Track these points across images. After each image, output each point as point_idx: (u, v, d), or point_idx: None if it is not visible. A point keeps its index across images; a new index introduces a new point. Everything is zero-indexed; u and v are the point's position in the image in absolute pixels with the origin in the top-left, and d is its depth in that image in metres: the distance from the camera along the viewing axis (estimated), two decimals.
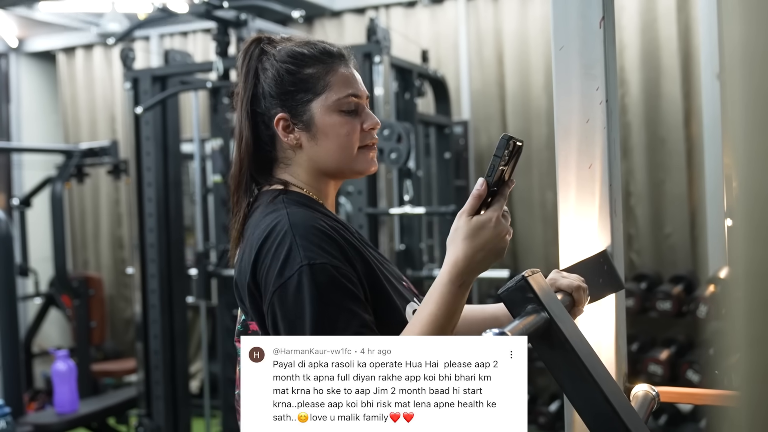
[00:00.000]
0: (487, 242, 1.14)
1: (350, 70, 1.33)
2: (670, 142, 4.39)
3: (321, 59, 1.31)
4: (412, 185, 3.55)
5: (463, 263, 1.14)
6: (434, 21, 5.04)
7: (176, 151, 4.08)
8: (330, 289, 1.15)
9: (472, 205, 1.14)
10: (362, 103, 1.33)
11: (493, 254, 1.15)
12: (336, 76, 1.31)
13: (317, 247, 1.18)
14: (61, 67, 6.13)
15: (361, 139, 1.32)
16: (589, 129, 1.30)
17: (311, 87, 1.30)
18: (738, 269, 0.44)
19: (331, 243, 1.19)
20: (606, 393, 1.05)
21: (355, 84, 1.32)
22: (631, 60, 4.46)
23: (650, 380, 3.81)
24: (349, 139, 1.30)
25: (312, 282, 1.15)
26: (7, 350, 3.61)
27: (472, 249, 1.13)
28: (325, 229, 1.20)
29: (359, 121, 1.31)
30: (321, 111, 1.30)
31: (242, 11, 3.72)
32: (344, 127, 1.30)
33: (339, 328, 1.14)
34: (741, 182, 0.44)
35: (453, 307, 1.15)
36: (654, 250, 4.46)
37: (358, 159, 1.32)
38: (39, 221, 5.47)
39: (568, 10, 1.31)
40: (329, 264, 1.16)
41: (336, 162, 1.31)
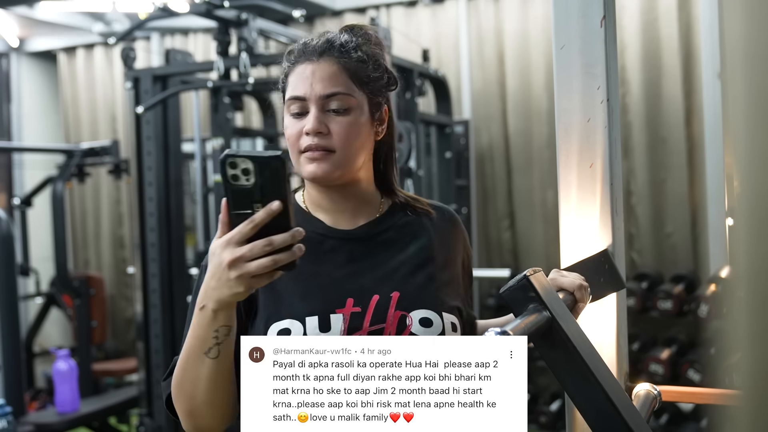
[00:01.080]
0: (214, 269, 1.05)
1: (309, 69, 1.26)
2: (671, 141, 4.38)
3: (295, 57, 1.29)
4: (413, 185, 3.55)
5: (203, 287, 1.09)
6: (435, 20, 5.04)
7: (177, 151, 4.08)
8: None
9: (219, 228, 1.05)
10: (309, 105, 1.25)
11: (222, 284, 1.04)
12: (292, 76, 1.28)
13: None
14: (62, 66, 6.14)
15: (301, 144, 1.25)
16: (590, 128, 1.30)
17: (283, 87, 1.31)
18: (740, 268, 0.44)
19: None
20: (608, 392, 1.04)
21: (303, 85, 1.25)
22: (632, 59, 4.46)
23: (651, 379, 3.81)
24: (290, 143, 1.27)
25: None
26: (8, 350, 3.62)
27: (208, 273, 1.06)
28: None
29: (303, 123, 1.25)
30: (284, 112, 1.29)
31: (243, 11, 3.72)
32: (288, 130, 1.27)
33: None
34: (742, 181, 0.43)
35: (198, 330, 1.11)
36: (655, 250, 4.46)
37: (300, 164, 1.26)
38: (40, 221, 5.47)
39: (569, 9, 1.31)
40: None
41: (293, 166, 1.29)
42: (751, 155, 0.43)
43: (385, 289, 1.26)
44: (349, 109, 1.26)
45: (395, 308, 1.24)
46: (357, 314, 1.23)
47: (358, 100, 1.27)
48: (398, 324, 1.23)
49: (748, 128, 0.43)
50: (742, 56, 0.43)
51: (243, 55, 3.58)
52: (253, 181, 1.00)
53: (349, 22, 4.88)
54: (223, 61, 3.69)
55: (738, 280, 0.44)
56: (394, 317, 1.24)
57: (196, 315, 1.11)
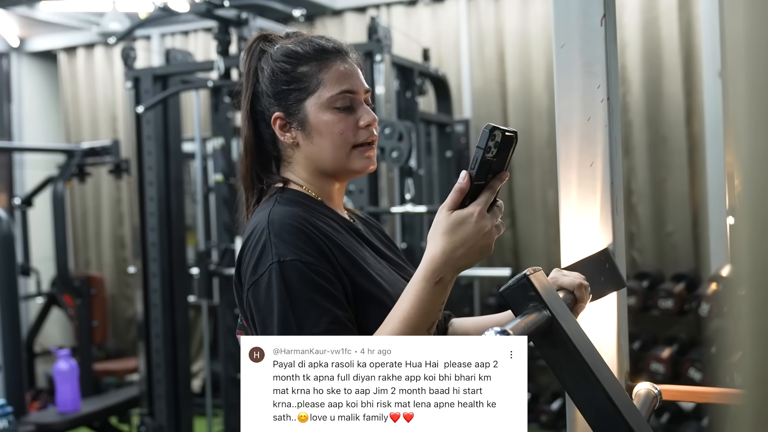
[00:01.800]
0: (467, 238, 1.08)
1: (346, 66, 1.30)
2: (671, 140, 4.38)
3: (315, 57, 1.29)
4: (414, 184, 3.55)
5: (440, 259, 1.09)
6: (435, 19, 5.04)
7: (177, 150, 4.08)
8: (300, 286, 1.14)
9: (453, 199, 1.09)
10: (358, 99, 1.29)
11: (476, 251, 1.10)
12: (329, 73, 1.28)
13: (289, 244, 1.17)
14: (63, 66, 6.13)
15: (357, 137, 1.28)
16: (590, 127, 1.30)
17: (305, 85, 1.29)
18: (741, 267, 0.44)
19: (305, 239, 1.18)
20: (608, 391, 1.04)
21: (351, 79, 1.29)
22: (632, 58, 4.46)
23: (652, 378, 3.80)
24: (343, 138, 1.27)
25: (281, 279, 1.14)
26: (9, 350, 3.62)
27: (450, 245, 1.09)
28: (301, 226, 1.19)
29: (355, 118, 1.28)
30: (314, 109, 1.28)
31: (243, 10, 3.72)
32: (337, 125, 1.27)
33: (307, 325, 1.13)
34: (744, 180, 0.43)
35: (428, 305, 1.11)
36: (656, 249, 4.46)
37: (353, 157, 1.29)
38: (41, 221, 5.47)
39: (569, 8, 1.30)
40: (299, 260, 1.15)
41: (332, 161, 1.29)
42: (753, 154, 0.43)
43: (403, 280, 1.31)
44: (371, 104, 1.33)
45: None
46: None
47: None
48: None
49: (750, 127, 0.43)
50: (744, 55, 0.43)
51: (243, 54, 3.58)
52: (494, 153, 1.07)
53: (349, 21, 4.86)
54: (223, 61, 3.69)
55: (739, 279, 0.44)
56: None
57: (428, 289, 1.10)
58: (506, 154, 1.10)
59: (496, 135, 1.07)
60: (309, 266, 1.15)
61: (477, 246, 1.09)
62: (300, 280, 1.15)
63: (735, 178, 0.46)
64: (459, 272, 1.11)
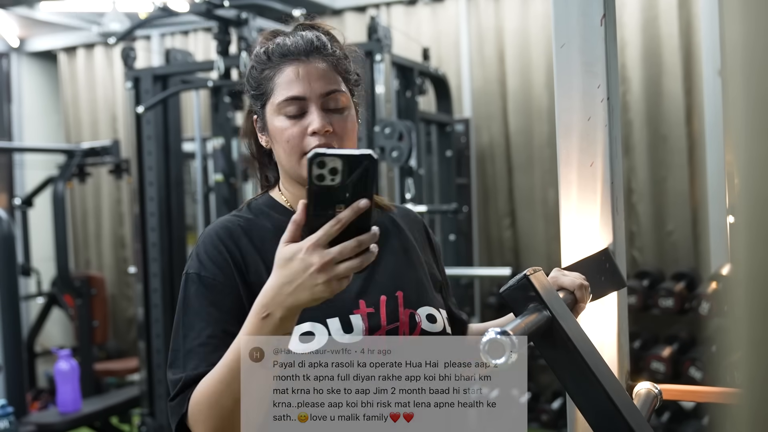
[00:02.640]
0: (293, 275, 0.98)
1: (301, 69, 1.23)
2: (671, 139, 4.38)
3: (276, 59, 1.25)
4: (414, 183, 3.55)
5: (269, 294, 1.01)
6: (435, 19, 5.04)
7: (178, 150, 4.08)
8: (193, 297, 1.18)
9: (289, 231, 0.99)
10: (309, 105, 1.22)
11: (304, 290, 0.98)
12: (281, 78, 1.23)
13: (198, 256, 1.21)
14: (63, 66, 6.13)
15: (305, 144, 1.21)
16: (590, 127, 1.30)
17: (264, 90, 1.25)
18: (740, 268, 0.44)
19: (214, 253, 1.21)
20: (608, 391, 1.04)
21: (300, 85, 1.22)
22: (632, 57, 4.46)
23: (653, 378, 3.80)
24: (290, 145, 1.22)
25: (183, 289, 1.20)
26: (10, 350, 3.62)
27: (279, 279, 1.00)
28: (218, 238, 1.22)
29: (305, 123, 1.21)
30: (270, 114, 1.25)
31: (243, 10, 3.72)
32: (285, 132, 1.22)
33: (190, 336, 1.16)
34: (742, 183, 0.43)
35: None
36: (656, 248, 4.46)
37: (303, 165, 1.21)
38: (41, 221, 5.47)
39: (569, 8, 1.30)
40: (197, 273, 1.19)
41: (288, 168, 1.25)
42: (751, 155, 0.43)
43: (389, 289, 1.26)
44: (345, 107, 1.25)
45: (404, 307, 1.25)
46: (372, 314, 1.22)
47: (348, 97, 1.27)
48: (410, 322, 1.24)
49: (748, 128, 0.43)
50: (741, 56, 0.43)
51: (243, 54, 3.58)
52: (339, 181, 0.95)
53: (349, 20, 4.84)
54: (223, 61, 3.69)
55: (738, 280, 0.44)
56: (405, 315, 1.25)
57: (255, 324, 1.03)
58: (366, 177, 0.96)
59: (325, 162, 0.95)
60: (204, 279, 1.19)
61: (304, 285, 0.98)
62: (195, 292, 1.19)
63: (735, 178, 0.46)
64: (291, 311, 1.01)
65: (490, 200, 4.90)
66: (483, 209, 4.91)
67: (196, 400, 1.10)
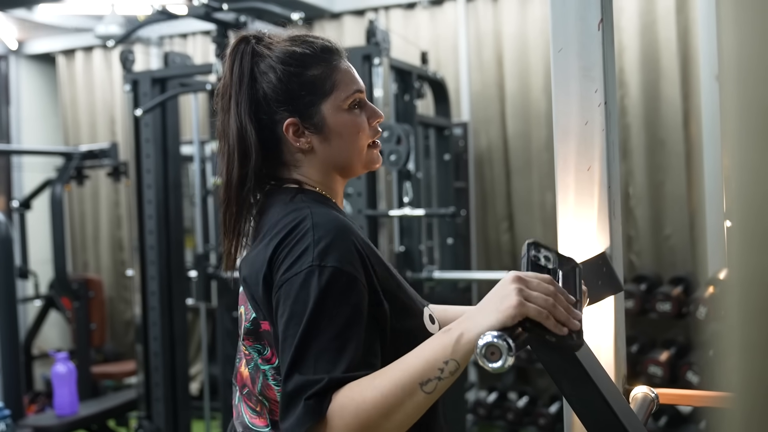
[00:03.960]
0: (492, 295, 1.03)
1: (349, 64, 1.32)
2: (669, 143, 4.39)
3: (323, 58, 1.29)
4: (412, 187, 3.55)
5: (470, 312, 1.04)
6: (434, 23, 5.04)
7: (176, 153, 4.08)
8: (333, 295, 1.09)
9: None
10: (365, 97, 1.33)
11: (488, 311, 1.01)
12: (340, 74, 1.29)
13: (331, 248, 1.12)
14: (61, 69, 6.14)
15: (371, 134, 1.32)
16: (587, 131, 1.30)
17: (319, 88, 1.27)
18: (733, 275, 0.44)
19: (347, 245, 1.14)
20: (605, 395, 1.04)
21: (357, 78, 1.32)
22: (630, 62, 4.46)
23: (650, 382, 3.81)
24: (362, 136, 1.30)
25: (317, 283, 1.09)
26: (7, 352, 3.61)
27: (483, 300, 1.04)
28: (347, 234, 1.16)
29: (365, 116, 1.31)
30: (332, 111, 1.27)
31: (242, 13, 3.73)
32: (355, 125, 1.29)
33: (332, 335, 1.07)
34: (736, 187, 0.44)
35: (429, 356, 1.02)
36: (654, 252, 4.46)
37: (368, 155, 1.32)
38: (39, 223, 5.47)
39: (567, 12, 1.31)
40: (338, 268, 1.11)
41: (348, 160, 1.30)
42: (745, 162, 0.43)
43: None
44: None
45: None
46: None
47: None
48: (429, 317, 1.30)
49: (741, 133, 0.43)
50: (736, 64, 0.43)
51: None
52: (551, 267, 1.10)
53: (348, 24, 4.85)
54: (221, 64, 3.69)
55: (731, 286, 0.44)
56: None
57: (437, 336, 1.03)
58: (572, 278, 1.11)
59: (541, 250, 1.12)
60: (348, 276, 1.11)
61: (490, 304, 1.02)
62: (335, 289, 1.10)
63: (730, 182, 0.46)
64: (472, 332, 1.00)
65: (488, 204, 4.90)
66: (481, 213, 4.91)
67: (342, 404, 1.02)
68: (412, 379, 1.01)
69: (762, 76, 0.43)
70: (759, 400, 0.42)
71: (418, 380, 1.01)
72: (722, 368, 0.46)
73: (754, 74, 0.44)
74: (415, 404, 1.01)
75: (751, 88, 0.44)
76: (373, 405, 1.01)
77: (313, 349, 1.06)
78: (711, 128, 3.91)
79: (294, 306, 1.10)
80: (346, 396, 1.02)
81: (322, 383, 1.03)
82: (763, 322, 0.43)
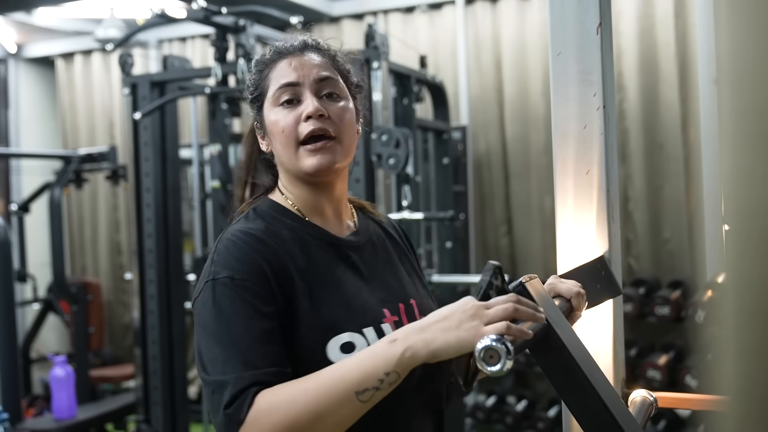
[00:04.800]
0: (444, 312, 1.00)
1: (294, 61, 1.22)
2: (668, 147, 4.39)
3: (271, 59, 1.25)
4: (411, 191, 3.55)
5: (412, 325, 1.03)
6: (432, 27, 5.05)
7: (175, 157, 4.08)
8: (228, 303, 1.08)
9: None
10: (303, 91, 1.20)
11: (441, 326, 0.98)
12: (276, 71, 1.23)
13: (226, 262, 1.12)
14: (60, 72, 6.14)
15: (299, 132, 1.19)
16: (586, 135, 1.30)
17: (261, 90, 1.25)
18: (731, 278, 0.44)
19: (242, 256, 1.12)
20: (603, 399, 1.04)
21: (293, 72, 1.21)
22: (629, 65, 4.47)
23: (649, 385, 3.80)
24: (286, 135, 1.19)
25: (212, 297, 1.10)
26: (5, 356, 3.61)
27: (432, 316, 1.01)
28: (243, 243, 1.14)
29: (300, 111, 1.20)
30: (267, 111, 1.23)
31: (241, 17, 3.73)
32: (280, 123, 1.20)
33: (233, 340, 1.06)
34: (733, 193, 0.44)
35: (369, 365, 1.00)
36: (652, 255, 4.46)
37: (300, 157, 1.20)
38: (37, 227, 5.46)
39: (566, 16, 1.31)
40: (229, 277, 1.10)
41: (288, 164, 1.22)
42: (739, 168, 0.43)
43: (403, 296, 1.27)
44: (341, 96, 1.24)
45: (419, 314, 1.25)
46: (397, 322, 1.21)
47: (345, 90, 1.26)
48: None
49: (738, 137, 0.43)
50: (730, 70, 0.43)
51: (240, 61, 3.59)
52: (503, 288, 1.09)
53: (347, 28, 4.85)
54: (220, 68, 3.69)
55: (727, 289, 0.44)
56: None
57: (381, 346, 1.01)
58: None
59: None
60: (239, 283, 1.10)
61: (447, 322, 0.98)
62: (229, 296, 1.09)
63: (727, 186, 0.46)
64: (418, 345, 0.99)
65: (486, 208, 4.90)
66: (480, 217, 4.91)
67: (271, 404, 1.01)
68: (348, 387, 1.00)
69: (759, 80, 0.43)
70: (755, 404, 0.42)
71: (355, 389, 0.99)
72: (719, 371, 0.46)
73: (750, 78, 0.44)
74: (349, 411, 1.00)
75: (747, 91, 0.44)
76: (304, 407, 0.99)
77: (219, 358, 1.05)
78: (709, 132, 3.91)
79: (199, 325, 1.11)
80: (277, 395, 1.01)
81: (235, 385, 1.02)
82: (759, 325, 0.43)
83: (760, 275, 0.43)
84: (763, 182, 0.42)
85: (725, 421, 0.44)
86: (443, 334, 0.98)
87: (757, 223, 0.42)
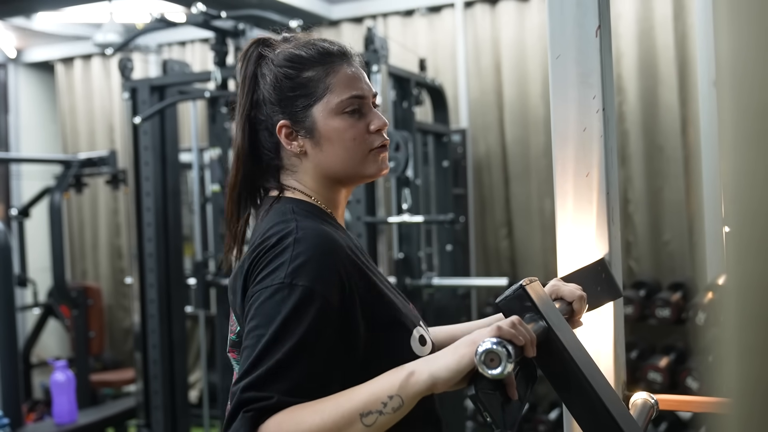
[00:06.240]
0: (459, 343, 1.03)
1: (353, 69, 1.26)
2: (667, 149, 4.39)
3: (320, 60, 1.25)
4: (411, 194, 3.55)
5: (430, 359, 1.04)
6: (432, 30, 5.05)
7: (175, 161, 4.08)
8: (298, 315, 1.06)
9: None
10: (367, 104, 1.26)
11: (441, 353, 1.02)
12: (337, 77, 1.24)
13: (309, 269, 1.10)
14: (60, 77, 6.14)
15: (369, 142, 1.25)
16: (586, 137, 1.30)
17: (311, 91, 1.24)
18: (731, 280, 0.44)
19: (326, 270, 1.11)
20: (605, 401, 1.04)
21: (358, 83, 1.25)
22: (628, 68, 4.47)
23: (650, 387, 3.80)
24: (356, 144, 1.23)
25: (286, 300, 1.07)
26: (6, 361, 3.60)
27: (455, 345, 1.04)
28: (328, 254, 1.12)
29: (365, 122, 1.25)
30: (323, 116, 1.23)
31: (240, 21, 3.73)
32: (349, 132, 1.23)
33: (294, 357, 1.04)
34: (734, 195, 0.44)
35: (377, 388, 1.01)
36: (653, 258, 4.46)
37: (367, 162, 1.25)
38: (38, 231, 5.46)
39: (565, 19, 1.31)
40: (311, 289, 1.08)
41: (344, 168, 1.25)
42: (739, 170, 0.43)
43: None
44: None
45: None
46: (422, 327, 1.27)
47: None
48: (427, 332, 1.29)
49: (737, 139, 0.43)
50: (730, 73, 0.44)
51: (239, 60, 3.59)
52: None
53: (346, 31, 4.86)
54: (220, 71, 3.70)
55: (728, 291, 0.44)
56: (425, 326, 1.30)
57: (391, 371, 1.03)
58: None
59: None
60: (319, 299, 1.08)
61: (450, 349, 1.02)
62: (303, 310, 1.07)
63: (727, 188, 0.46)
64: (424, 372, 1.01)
65: (486, 210, 4.90)
66: (480, 219, 4.91)
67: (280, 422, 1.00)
68: (353, 408, 1.00)
69: (758, 82, 0.43)
70: (756, 405, 0.42)
71: (360, 410, 1.00)
72: (720, 373, 0.46)
73: (750, 80, 0.44)
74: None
75: (747, 93, 0.44)
76: (309, 427, 0.99)
77: (267, 365, 1.04)
78: (709, 134, 3.91)
79: (260, 319, 1.08)
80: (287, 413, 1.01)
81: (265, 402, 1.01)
82: (760, 327, 0.43)
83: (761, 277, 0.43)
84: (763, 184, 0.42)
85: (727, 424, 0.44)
86: (443, 356, 1.02)
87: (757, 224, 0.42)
